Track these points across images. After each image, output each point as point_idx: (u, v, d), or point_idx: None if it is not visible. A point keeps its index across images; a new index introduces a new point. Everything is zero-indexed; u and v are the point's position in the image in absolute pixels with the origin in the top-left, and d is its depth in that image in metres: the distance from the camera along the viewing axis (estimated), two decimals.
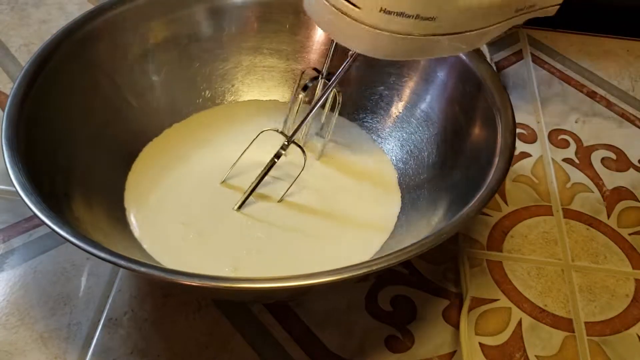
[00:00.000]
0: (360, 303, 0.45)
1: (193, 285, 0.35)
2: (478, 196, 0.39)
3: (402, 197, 0.49)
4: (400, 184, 0.50)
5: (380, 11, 0.37)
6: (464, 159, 0.46)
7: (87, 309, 0.44)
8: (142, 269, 0.35)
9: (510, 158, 0.41)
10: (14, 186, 0.37)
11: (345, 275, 0.35)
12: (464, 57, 0.48)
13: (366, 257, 0.43)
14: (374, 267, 0.35)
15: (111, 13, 0.49)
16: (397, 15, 0.37)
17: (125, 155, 0.50)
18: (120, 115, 0.50)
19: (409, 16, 0.37)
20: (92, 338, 0.42)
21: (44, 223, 0.36)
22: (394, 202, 0.48)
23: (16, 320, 0.43)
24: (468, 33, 0.39)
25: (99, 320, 0.43)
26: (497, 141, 0.42)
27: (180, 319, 0.43)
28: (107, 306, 0.44)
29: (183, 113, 0.53)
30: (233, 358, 0.42)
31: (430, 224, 0.43)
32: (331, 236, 0.46)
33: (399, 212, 0.48)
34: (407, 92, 0.52)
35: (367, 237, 0.46)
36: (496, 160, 0.41)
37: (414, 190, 0.48)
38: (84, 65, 0.48)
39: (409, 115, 0.51)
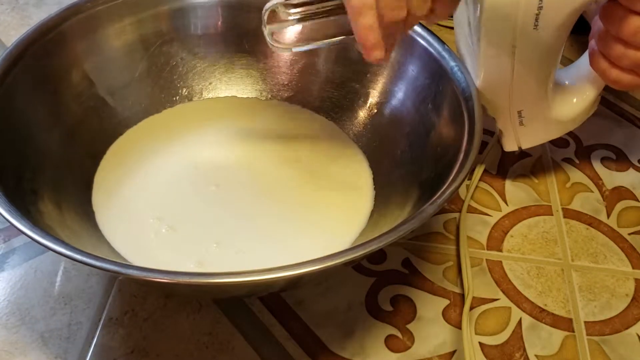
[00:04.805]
0: (360, 302, 0.45)
1: (171, 283, 0.35)
2: (439, 193, 0.39)
3: (375, 194, 0.49)
4: (374, 181, 0.50)
5: None
6: (433, 155, 0.46)
7: (88, 308, 0.44)
8: (98, 264, 0.34)
9: (473, 155, 0.41)
10: None
11: (302, 271, 0.34)
12: (436, 55, 0.48)
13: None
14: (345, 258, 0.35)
15: (86, 12, 0.49)
16: None
17: (98, 153, 0.49)
18: (94, 113, 0.50)
19: None
20: (93, 338, 0.42)
21: None
22: (367, 199, 0.48)
23: (17, 320, 0.43)
24: None
25: (100, 320, 0.43)
26: (463, 138, 0.43)
27: (180, 319, 0.43)
28: (108, 306, 0.44)
29: (159, 110, 0.53)
30: (233, 358, 0.42)
31: (399, 220, 0.43)
32: (303, 232, 0.46)
33: (372, 209, 0.48)
34: (381, 90, 0.52)
35: (338, 234, 0.46)
36: (460, 156, 0.41)
37: (387, 187, 0.49)
38: (57, 63, 0.48)
39: (384, 112, 0.52)
